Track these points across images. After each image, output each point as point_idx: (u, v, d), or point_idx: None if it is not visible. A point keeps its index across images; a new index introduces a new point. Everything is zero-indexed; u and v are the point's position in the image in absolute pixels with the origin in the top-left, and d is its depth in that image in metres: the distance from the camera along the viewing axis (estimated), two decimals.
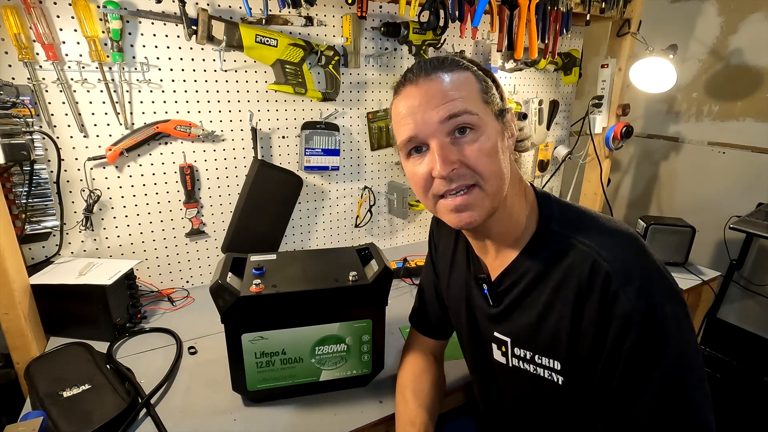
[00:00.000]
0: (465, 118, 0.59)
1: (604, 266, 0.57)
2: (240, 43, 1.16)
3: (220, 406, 0.86)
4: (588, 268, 0.58)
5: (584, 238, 0.60)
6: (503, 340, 0.70)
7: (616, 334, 0.56)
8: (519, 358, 0.68)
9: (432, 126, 0.59)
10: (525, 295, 0.66)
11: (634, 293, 0.54)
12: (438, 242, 0.88)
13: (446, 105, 0.58)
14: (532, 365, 0.67)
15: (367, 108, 1.49)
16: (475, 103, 0.60)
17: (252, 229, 1.33)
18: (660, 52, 1.64)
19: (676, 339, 0.54)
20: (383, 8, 1.41)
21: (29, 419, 0.75)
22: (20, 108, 1.00)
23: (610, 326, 0.56)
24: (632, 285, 0.55)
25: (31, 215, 1.08)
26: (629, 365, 0.55)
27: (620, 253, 0.58)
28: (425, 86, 0.60)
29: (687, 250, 1.53)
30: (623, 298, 0.55)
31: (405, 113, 0.61)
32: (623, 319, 0.55)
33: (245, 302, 0.77)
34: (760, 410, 1.82)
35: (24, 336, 0.96)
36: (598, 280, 0.56)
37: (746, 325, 2.17)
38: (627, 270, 0.56)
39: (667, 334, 0.54)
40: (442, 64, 0.62)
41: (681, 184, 2.33)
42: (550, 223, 0.65)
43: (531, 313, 0.65)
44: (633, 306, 0.54)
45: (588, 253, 0.59)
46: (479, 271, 0.73)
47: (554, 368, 0.64)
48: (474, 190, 0.60)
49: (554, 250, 0.62)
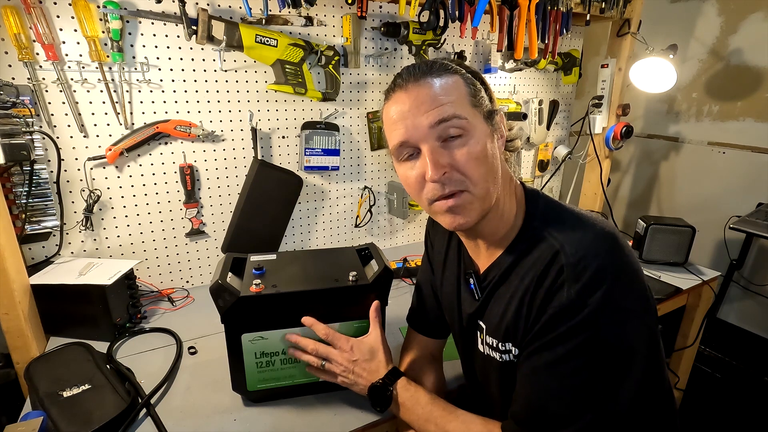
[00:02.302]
0: (454, 122, 0.60)
1: (561, 259, 0.58)
2: (240, 43, 1.16)
3: (220, 406, 0.86)
4: (549, 258, 0.59)
5: (556, 232, 0.62)
6: (481, 328, 0.72)
7: (545, 321, 0.58)
8: (489, 347, 0.71)
9: (422, 131, 0.61)
10: (497, 286, 0.68)
11: (577, 289, 0.56)
12: (434, 241, 0.89)
13: (436, 110, 0.60)
14: (497, 353, 0.69)
15: (367, 108, 1.49)
16: (464, 107, 0.61)
17: (252, 229, 1.33)
18: (660, 52, 1.64)
19: (599, 338, 0.55)
20: (383, 8, 1.41)
21: (29, 419, 0.75)
22: (20, 108, 1.01)
23: (544, 314, 0.58)
24: (579, 281, 0.56)
25: (31, 215, 1.08)
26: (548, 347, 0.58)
27: (582, 249, 0.58)
28: (415, 91, 0.61)
29: (687, 250, 1.53)
30: (565, 291, 0.56)
31: (396, 118, 0.63)
32: (556, 309, 0.57)
33: (245, 302, 0.77)
34: (760, 410, 1.82)
35: (24, 336, 0.96)
36: (553, 272, 0.58)
37: (746, 325, 2.17)
38: (581, 266, 0.57)
39: (590, 330, 0.55)
40: (431, 68, 0.63)
41: (681, 184, 2.33)
42: (534, 220, 0.67)
43: (501, 303, 0.67)
44: (570, 300, 0.56)
45: (554, 245, 0.60)
46: (469, 267, 0.75)
47: (512, 352, 0.66)
48: (464, 194, 0.62)
49: (528, 244, 0.64)
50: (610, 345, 0.56)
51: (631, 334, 0.57)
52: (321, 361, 0.81)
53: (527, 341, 0.62)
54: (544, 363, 0.59)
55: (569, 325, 0.56)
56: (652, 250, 1.55)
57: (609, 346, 0.56)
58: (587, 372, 0.56)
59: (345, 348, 0.80)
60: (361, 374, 0.79)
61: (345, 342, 0.81)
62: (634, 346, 0.57)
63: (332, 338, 0.81)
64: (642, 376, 0.57)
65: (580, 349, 0.56)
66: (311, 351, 0.81)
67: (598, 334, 0.56)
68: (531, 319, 0.61)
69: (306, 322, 0.81)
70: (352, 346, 0.80)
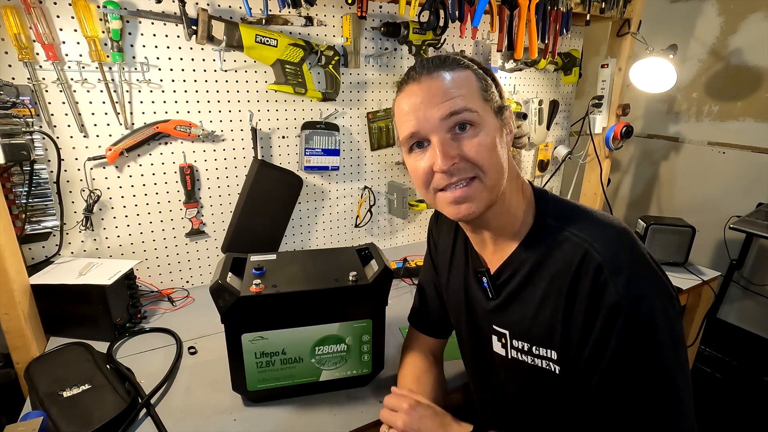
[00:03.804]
0: (465, 115, 0.61)
1: (595, 257, 0.58)
2: (240, 43, 1.16)
3: (220, 406, 0.86)
4: (580, 258, 0.59)
5: (578, 230, 0.62)
6: (502, 332, 0.71)
7: (603, 322, 0.57)
8: (517, 350, 0.69)
9: (433, 122, 0.61)
10: (522, 287, 0.67)
11: (623, 284, 0.56)
12: (437, 240, 0.89)
13: (447, 102, 0.61)
14: (530, 356, 0.68)
15: (367, 108, 1.49)
16: (474, 100, 0.62)
17: (252, 229, 1.33)
18: (660, 52, 1.64)
19: (665, 329, 0.56)
20: (383, 8, 1.41)
21: (29, 419, 0.75)
22: (20, 108, 1.01)
23: (598, 315, 0.58)
24: (621, 276, 0.56)
25: (31, 215, 1.08)
26: (617, 353, 0.57)
27: (611, 245, 0.59)
28: (427, 84, 0.62)
29: (687, 250, 1.53)
30: (612, 288, 0.56)
31: (407, 110, 0.64)
32: (611, 308, 0.56)
33: (245, 302, 0.77)
34: (760, 410, 1.82)
35: (24, 336, 0.96)
36: (590, 271, 0.58)
37: (746, 325, 2.17)
38: (617, 261, 0.57)
39: (655, 323, 0.56)
40: (444, 62, 0.64)
41: (681, 184, 2.33)
42: (546, 218, 0.67)
43: (528, 304, 0.66)
44: (621, 296, 0.56)
45: (581, 244, 0.60)
46: (478, 266, 0.75)
47: (551, 358, 0.65)
48: (474, 183, 0.62)
49: (550, 243, 0.64)
50: (673, 331, 0.56)
51: (679, 319, 0.59)
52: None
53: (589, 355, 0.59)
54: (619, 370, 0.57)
55: (630, 320, 0.55)
56: (652, 250, 1.51)
57: (673, 333, 0.56)
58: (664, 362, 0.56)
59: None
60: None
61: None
62: (680, 332, 0.58)
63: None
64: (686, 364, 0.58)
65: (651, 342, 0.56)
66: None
67: (661, 323, 0.56)
68: (580, 325, 0.59)
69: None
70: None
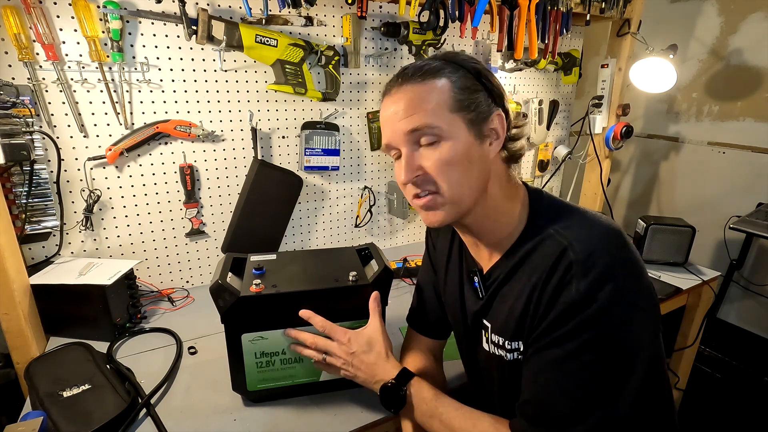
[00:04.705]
0: (425, 131, 0.62)
1: (570, 256, 0.58)
2: (240, 43, 1.16)
3: (220, 406, 0.86)
4: (557, 256, 0.59)
5: (563, 229, 0.62)
6: (487, 326, 0.73)
7: (556, 315, 0.58)
8: (495, 345, 0.71)
9: (400, 136, 0.64)
10: (504, 284, 0.68)
11: (585, 285, 0.56)
12: (436, 241, 0.89)
13: (409, 119, 0.62)
14: (504, 351, 0.69)
15: (367, 108, 1.49)
16: (440, 114, 0.62)
17: (252, 229, 1.33)
18: (660, 52, 1.64)
19: (617, 339, 0.56)
20: (383, 8, 1.41)
21: (29, 419, 0.75)
22: (20, 108, 1.00)
23: (553, 308, 0.58)
24: (588, 277, 0.56)
25: (31, 215, 1.08)
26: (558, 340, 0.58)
27: (590, 246, 0.58)
28: (397, 97, 0.64)
29: (687, 250, 1.53)
30: (573, 287, 0.57)
31: (383, 121, 0.67)
32: (567, 304, 0.57)
33: (245, 302, 0.77)
34: (760, 410, 1.82)
35: (24, 336, 0.96)
36: (561, 268, 0.58)
37: (746, 325, 2.17)
38: (589, 262, 0.57)
39: (606, 331, 0.56)
40: (419, 71, 0.64)
41: (681, 184, 2.33)
42: (538, 218, 0.67)
43: (507, 300, 0.67)
44: (580, 295, 0.56)
45: (562, 242, 0.60)
46: (471, 266, 0.76)
47: (520, 350, 0.66)
48: (435, 196, 0.65)
49: (537, 241, 0.64)
50: (618, 341, 0.56)
51: (638, 331, 0.57)
52: (322, 354, 0.80)
53: (534, 337, 0.61)
54: (552, 359, 0.59)
55: (578, 321, 0.56)
56: (652, 250, 1.55)
57: (617, 343, 0.56)
58: (596, 368, 0.56)
59: (342, 340, 0.79)
60: (360, 367, 0.78)
61: (342, 334, 0.79)
62: (640, 344, 0.57)
63: (330, 331, 0.80)
64: (645, 375, 0.57)
65: (588, 345, 0.56)
66: (311, 345, 0.80)
67: (606, 330, 0.56)
68: (538, 316, 0.61)
69: (303, 315, 0.80)
70: (349, 338, 0.79)
